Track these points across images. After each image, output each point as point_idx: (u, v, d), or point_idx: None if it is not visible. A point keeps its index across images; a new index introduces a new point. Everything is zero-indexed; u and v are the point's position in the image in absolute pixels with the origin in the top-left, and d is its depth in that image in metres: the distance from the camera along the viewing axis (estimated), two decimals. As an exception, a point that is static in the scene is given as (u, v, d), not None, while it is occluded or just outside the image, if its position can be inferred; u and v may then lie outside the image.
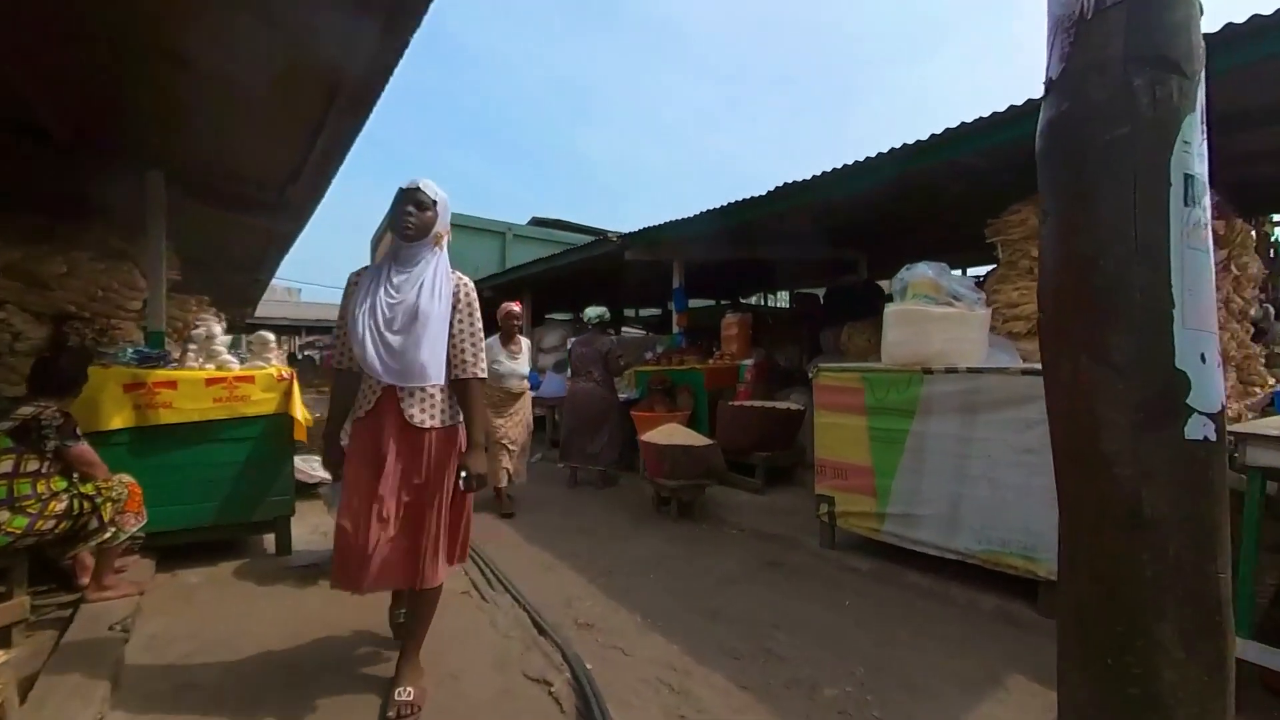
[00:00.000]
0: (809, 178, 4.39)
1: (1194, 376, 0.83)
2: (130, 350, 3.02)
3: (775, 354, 7.40)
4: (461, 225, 20.10)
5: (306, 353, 23.44)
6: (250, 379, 3.12)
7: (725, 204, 5.17)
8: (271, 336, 3.38)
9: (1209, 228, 0.91)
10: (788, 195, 4.64)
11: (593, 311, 5.43)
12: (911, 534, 3.16)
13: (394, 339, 1.88)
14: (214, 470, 3.07)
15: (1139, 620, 0.83)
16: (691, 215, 5.44)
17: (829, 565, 3.46)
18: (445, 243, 2.05)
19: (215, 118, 3.41)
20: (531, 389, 6.34)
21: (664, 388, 5.68)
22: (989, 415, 2.85)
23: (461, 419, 2.04)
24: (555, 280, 9.44)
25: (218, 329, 3.18)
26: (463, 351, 2.00)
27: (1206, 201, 0.91)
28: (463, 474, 1.93)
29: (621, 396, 6.21)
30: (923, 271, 3.22)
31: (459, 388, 1.99)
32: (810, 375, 3.69)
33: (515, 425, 4.52)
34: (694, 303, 12.95)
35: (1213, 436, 0.84)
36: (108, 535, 2.37)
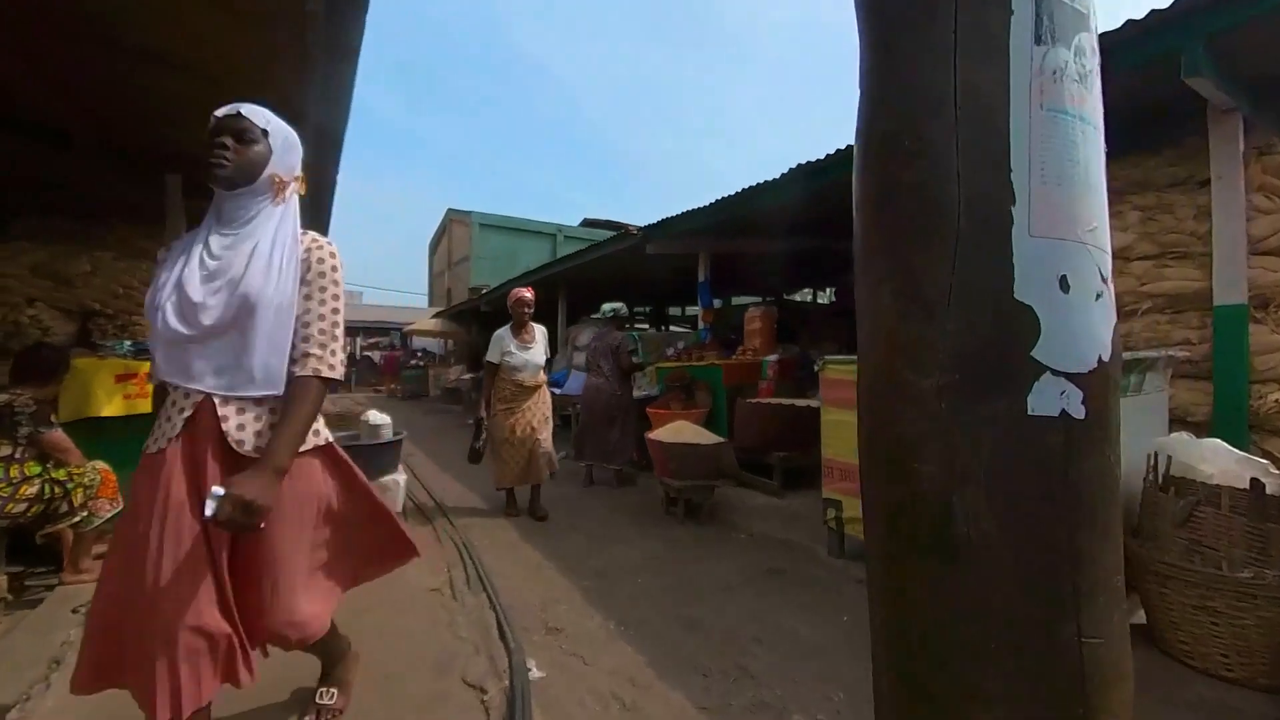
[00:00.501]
0: (819, 158, 4.09)
1: (1046, 314, 0.54)
2: (128, 343, 3.14)
3: (813, 350, 7.04)
4: (514, 228, 20.71)
5: (366, 353, 24.67)
6: (240, 371, 3.16)
7: (732, 193, 4.91)
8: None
9: (1090, 81, 0.60)
10: (798, 179, 4.35)
11: (608, 306, 5.29)
12: (921, 544, 2.83)
13: (212, 327, 1.32)
14: (204, 460, 3.13)
15: (948, 703, 0.54)
16: (705, 205, 5.22)
17: (833, 575, 3.17)
18: (292, 194, 1.48)
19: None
20: (556, 386, 6.25)
21: (682, 384, 5.47)
22: (1006, 412, 2.51)
23: (325, 439, 1.51)
24: (596, 278, 9.39)
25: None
26: (306, 339, 1.41)
27: (1086, 42, 0.60)
28: (216, 492, 1.22)
29: (641, 394, 6.05)
30: (935, 252, 2.89)
31: (291, 388, 1.39)
32: (815, 368, 3.41)
33: (526, 424, 4.13)
34: (738, 299, 12.66)
35: (1078, 411, 0.54)
36: (78, 519, 2.44)
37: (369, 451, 3.09)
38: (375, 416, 3.24)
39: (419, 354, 21.69)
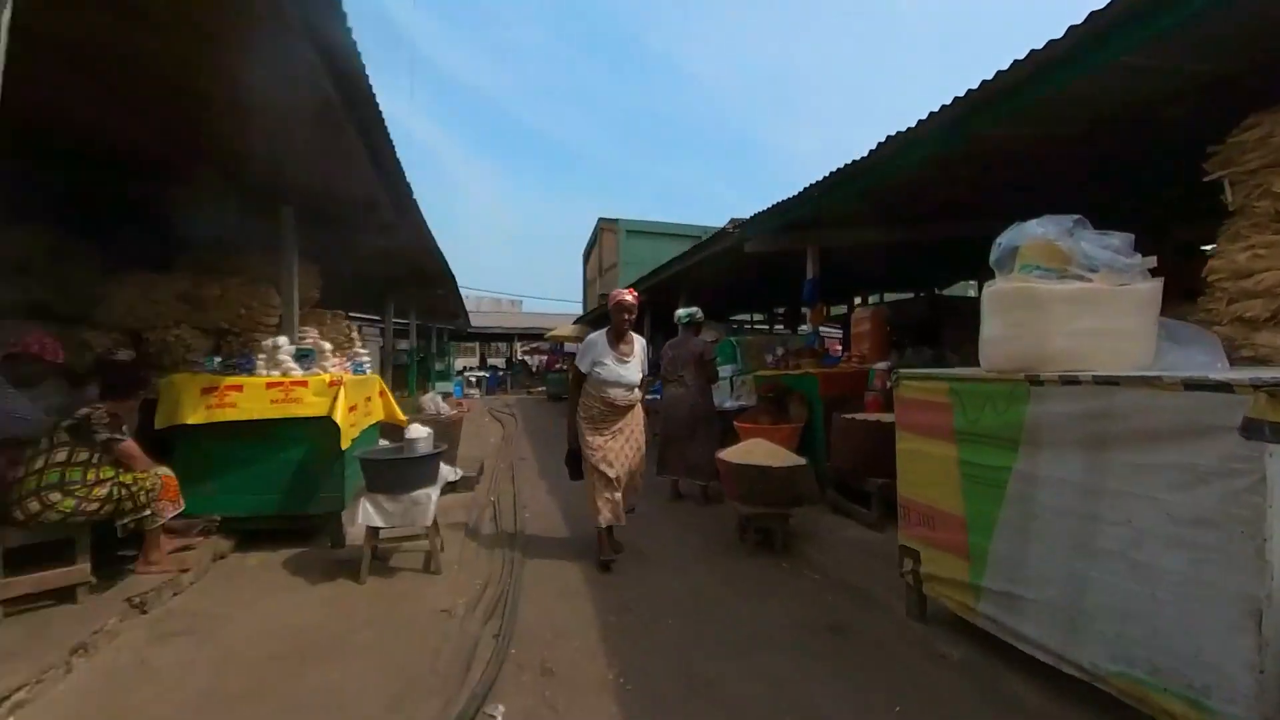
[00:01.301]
0: (918, 122, 3.34)
1: None
2: (217, 359, 3.54)
3: (951, 354, 5.97)
4: (659, 233, 21.06)
5: (522, 357, 26.57)
6: (305, 384, 3.41)
7: (826, 175, 4.24)
8: (328, 345, 3.67)
9: None
10: (911, 144, 3.62)
11: (683, 312, 4.90)
12: (1013, 623, 2.12)
13: None
14: (275, 466, 3.41)
15: None
16: (795, 194, 4.61)
17: (903, 644, 2.53)
18: None
19: (316, 159, 3.81)
20: (651, 399, 6.02)
21: (774, 395, 4.90)
22: (1130, 454, 1.75)
23: None
24: (722, 281, 9.08)
25: (283, 340, 3.58)
26: None
27: None
28: None
29: (736, 404, 5.57)
30: (1034, 231, 2.15)
31: None
32: (889, 384, 2.77)
33: (619, 448, 3.51)
34: (889, 296, 11.40)
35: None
36: (143, 516, 2.77)
37: (404, 466, 3.13)
38: (415, 430, 3.29)
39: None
